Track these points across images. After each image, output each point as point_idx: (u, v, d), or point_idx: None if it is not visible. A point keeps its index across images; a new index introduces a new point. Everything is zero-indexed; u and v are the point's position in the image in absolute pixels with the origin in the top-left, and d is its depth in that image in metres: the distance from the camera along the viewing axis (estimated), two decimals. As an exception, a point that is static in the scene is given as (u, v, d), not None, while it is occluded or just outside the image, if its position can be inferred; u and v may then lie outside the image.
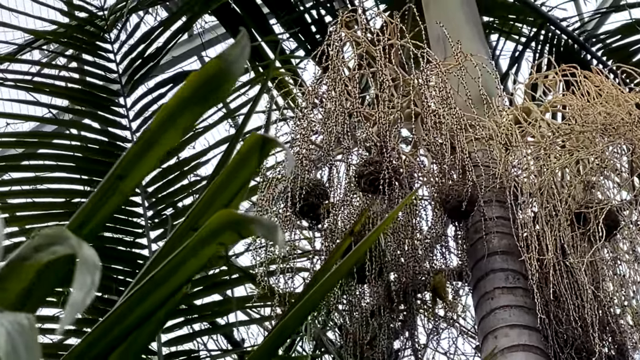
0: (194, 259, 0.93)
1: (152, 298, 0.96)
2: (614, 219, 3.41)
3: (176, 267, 0.94)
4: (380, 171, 3.49)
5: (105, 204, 0.92)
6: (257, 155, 0.90)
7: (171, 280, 0.95)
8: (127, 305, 0.95)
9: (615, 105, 3.60)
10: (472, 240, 3.65)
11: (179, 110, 0.88)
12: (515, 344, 3.31)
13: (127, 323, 0.96)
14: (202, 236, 0.91)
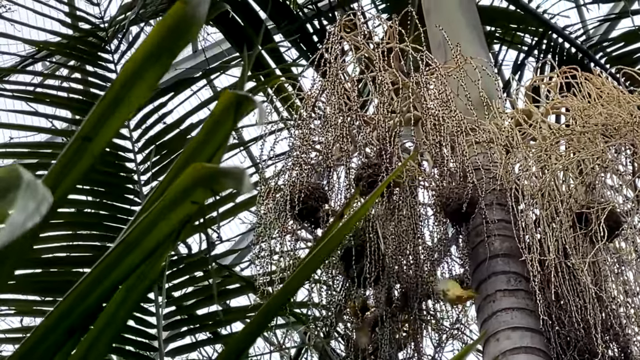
0: (166, 220, 0.91)
1: (126, 262, 0.94)
2: (616, 219, 3.38)
3: (148, 228, 0.92)
4: (379, 173, 3.48)
5: (74, 167, 0.90)
6: (233, 115, 0.88)
7: (144, 243, 0.93)
8: (99, 271, 0.93)
9: (616, 106, 3.58)
10: (474, 243, 3.63)
11: (144, 64, 0.85)
12: (518, 346, 3.28)
13: (100, 291, 0.94)
14: (174, 195, 0.88)
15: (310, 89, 3.92)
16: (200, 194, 0.89)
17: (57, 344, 0.99)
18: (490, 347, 3.35)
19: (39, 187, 0.69)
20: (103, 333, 1.09)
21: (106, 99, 0.86)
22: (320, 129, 3.81)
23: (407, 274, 3.72)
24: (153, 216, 0.91)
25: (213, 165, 0.84)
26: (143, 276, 1.06)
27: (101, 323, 1.08)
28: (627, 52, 6.18)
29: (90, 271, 0.94)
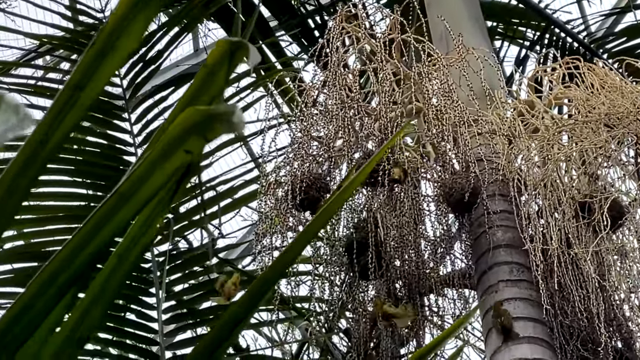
0: (160, 170, 0.89)
1: (119, 216, 0.92)
2: (619, 209, 3.36)
3: (142, 178, 0.89)
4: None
5: (64, 118, 0.87)
6: (227, 64, 0.85)
7: (138, 194, 0.91)
8: (92, 225, 0.91)
9: (619, 96, 3.55)
10: (476, 234, 3.61)
11: (133, 9, 0.83)
12: (521, 336, 3.25)
13: (93, 247, 0.92)
14: (167, 142, 0.86)
15: (312, 80, 3.90)
16: (194, 142, 0.86)
17: (49, 304, 0.97)
18: (493, 338, 3.32)
19: (20, 107, 0.67)
20: (96, 302, 1.07)
21: (96, 45, 0.84)
22: (322, 121, 3.79)
23: (410, 267, 3.70)
24: (146, 165, 0.89)
25: (206, 108, 0.82)
26: (135, 241, 1.04)
27: (94, 291, 1.06)
28: (629, 47, 6.16)
29: (82, 225, 0.91)
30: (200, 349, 1.33)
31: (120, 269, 1.05)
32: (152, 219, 1.02)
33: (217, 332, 1.32)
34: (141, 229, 1.02)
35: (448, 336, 1.45)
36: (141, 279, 4.63)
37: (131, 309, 4.58)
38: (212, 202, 4.89)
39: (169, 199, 1.00)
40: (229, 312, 1.32)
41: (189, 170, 0.99)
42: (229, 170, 4.96)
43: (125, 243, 1.03)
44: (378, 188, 3.54)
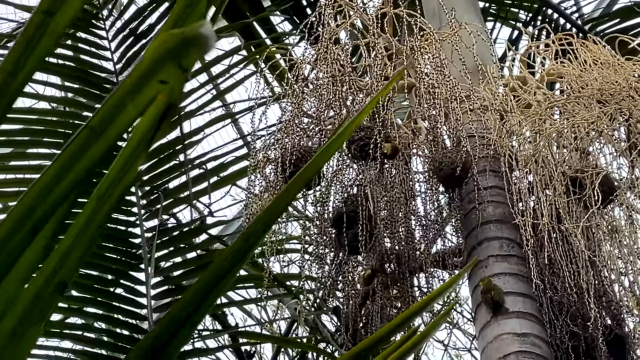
0: (134, 102, 0.86)
1: (92, 151, 0.89)
2: (610, 185, 3.34)
3: (114, 111, 0.87)
4: (371, 137, 3.43)
5: (34, 49, 0.84)
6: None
7: (111, 128, 0.88)
8: (63, 160, 0.88)
9: (612, 72, 3.53)
10: (466, 210, 3.59)
11: None
12: (510, 311, 3.24)
13: (66, 183, 0.89)
14: (139, 73, 0.83)
15: (302, 55, 3.87)
16: (168, 71, 0.83)
17: (22, 243, 0.94)
18: (482, 314, 3.31)
19: None
20: (76, 245, 1.04)
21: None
22: (313, 96, 3.76)
23: (399, 244, 3.68)
24: (118, 97, 0.86)
25: (179, 31, 0.79)
26: (116, 181, 1.01)
27: (73, 233, 1.03)
28: (622, 28, 6.13)
29: (53, 161, 0.89)
30: (182, 303, 1.30)
31: (101, 210, 1.02)
32: (133, 159, 0.99)
33: (201, 287, 1.30)
34: (122, 169, 1.00)
35: (436, 297, 1.43)
36: (130, 254, 4.61)
37: (120, 284, 4.56)
38: (201, 178, 4.87)
39: (150, 138, 0.98)
40: (213, 267, 1.30)
41: (169, 110, 0.96)
42: (219, 147, 4.93)
43: (106, 184, 1.00)
44: (369, 162, 3.52)
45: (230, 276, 1.38)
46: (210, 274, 1.35)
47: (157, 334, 1.28)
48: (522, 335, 3.18)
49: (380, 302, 3.80)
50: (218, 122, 4.96)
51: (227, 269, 1.32)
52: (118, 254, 4.59)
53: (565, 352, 3.21)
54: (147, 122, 0.95)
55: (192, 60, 0.82)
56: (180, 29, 0.81)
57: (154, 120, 0.96)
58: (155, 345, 1.29)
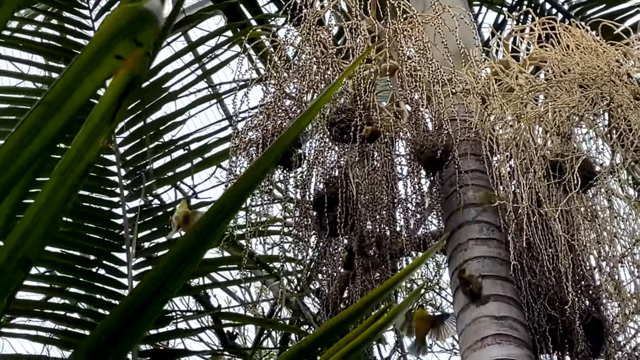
0: (90, 77, 0.86)
1: (49, 126, 0.89)
2: (590, 169, 3.35)
3: (70, 86, 0.86)
4: (352, 119, 3.43)
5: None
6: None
7: (68, 103, 0.88)
8: (19, 135, 0.88)
9: (594, 56, 3.54)
10: (447, 193, 3.60)
11: None
12: (488, 294, 3.25)
13: (23, 159, 0.89)
14: (94, 48, 0.83)
15: (285, 36, 3.87)
16: (124, 46, 0.83)
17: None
18: (460, 296, 3.32)
19: None
20: (38, 220, 1.04)
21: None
22: (295, 77, 3.75)
23: (380, 227, 3.69)
24: (73, 72, 0.85)
25: (132, 5, 0.79)
26: (78, 157, 1.01)
27: (36, 208, 1.03)
28: (608, 14, 6.12)
29: (7, 138, 0.88)
30: (155, 273, 1.30)
31: (64, 186, 1.02)
32: (96, 134, 0.99)
33: (175, 257, 1.30)
34: (84, 144, 1.00)
35: (404, 276, 1.44)
36: (112, 234, 4.60)
37: (102, 265, 4.55)
38: (185, 159, 4.86)
39: (112, 114, 0.97)
40: (186, 238, 1.30)
41: (131, 86, 0.96)
42: (203, 128, 4.93)
43: (68, 159, 1.00)
44: (350, 145, 3.52)
45: (203, 249, 1.38)
46: (181, 246, 1.35)
47: (124, 308, 1.28)
48: (500, 318, 3.20)
49: (361, 285, 3.81)
50: (202, 102, 4.95)
51: (200, 241, 1.32)
52: (100, 234, 4.58)
53: (543, 335, 3.23)
54: (109, 98, 0.95)
55: (148, 35, 0.82)
56: (132, 4, 0.81)
57: (115, 96, 0.96)
58: (122, 321, 1.29)
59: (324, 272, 3.97)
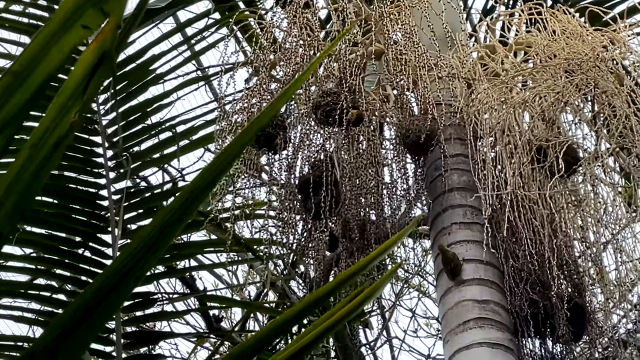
0: (57, 47, 0.85)
1: (15, 98, 0.88)
2: (574, 154, 3.36)
3: (36, 57, 0.86)
4: (337, 102, 3.43)
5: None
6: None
7: (34, 74, 0.88)
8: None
9: (579, 42, 3.54)
10: (432, 177, 3.60)
11: None
12: (471, 277, 3.26)
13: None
14: (60, 18, 0.83)
15: (272, 18, 3.86)
16: (91, 16, 0.83)
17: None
18: (443, 280, 3.33)
19: None
20: (9, 194, 1.04)
21: None
22: (281, 60, 3.75)
23: (365, 214, 3.69)
24: (40, 42, 0.85)
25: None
26: (49, 131, 1.01)
27: (6, 182, 1.03)
28: (597, 0, 6.12)
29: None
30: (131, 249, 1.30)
31: (34, 160, 1.02)
32: (67, 107, 0.99)
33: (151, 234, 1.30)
34: (55, 117, 0.99)
35: (378, 256, 1.44)
36: (97, 216, 4.60)
37: (87, 246, 4.55)
38: (172, 141, 4.85)
39: (84, 87, 0.97)
40: (160, 215, 1.30)
41: (103, 59, 0.96)
42: (191, 109, 4.92)
43: (39, 133, 1.00)
44: (335, 128, 3.52)
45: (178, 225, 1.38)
46: (157, 221, 1.35)
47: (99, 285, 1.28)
48: (482, 302, 3.21)
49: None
50: (190, 85, 4.94)
51: (175, 217, 1.32)
52: (85, 216, 4.58)
53: (525, 319, 3.24)
54: (79, 71, 0.95)
55: (116, 6, 0.82)
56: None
57: (86, 70, 0.96)
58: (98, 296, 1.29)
59: (310, 256, 3.98)
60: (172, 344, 6.54)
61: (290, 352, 1.42)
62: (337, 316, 1.45)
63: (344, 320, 1.46)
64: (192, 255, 4.97)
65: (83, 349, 1.39)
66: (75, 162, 4.63)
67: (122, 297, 1.36)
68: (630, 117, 3.37)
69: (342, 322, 1.46)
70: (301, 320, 1.42)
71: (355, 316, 1.47)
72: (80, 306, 1.23)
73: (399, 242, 2.70)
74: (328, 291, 1.48)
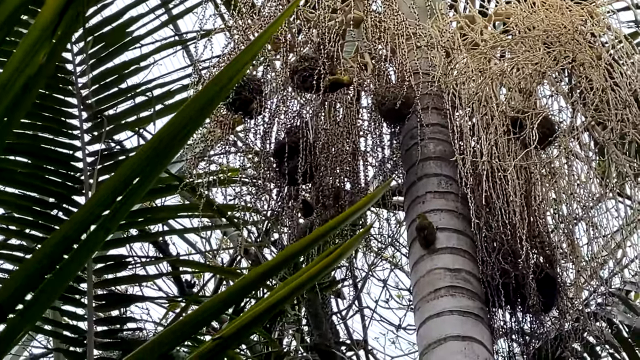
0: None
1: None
2: (550, 126, 3.36)
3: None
4: (315, 67, 3.41)
5: None
6: None
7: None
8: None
9: (559, 14, 3.54)
10: (408, 146, 3.60)
11: None
12: (444, 246, 3.27)
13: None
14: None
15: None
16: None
17: None
18: (416, 248, 3.33)
19: None
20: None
21: None
22: (259, 24, 3.72)
23: (339, 181, 3.68)
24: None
25: None
26: (19, 71, 1.00)
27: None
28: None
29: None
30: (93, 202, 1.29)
31: (3, 101, 1.01)
32: (36, 49, 0.98)
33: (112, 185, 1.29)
34: (23, 59, 0.98)
35: (356, 212, 1.44)
36: (72, 177, 4.57)
37: (61, 208, 4.52)
38: (147, 105, 4.82)
39: (52, 30, 0.96)
40: (124, 164, 1.29)
41: (71, 1, 0.95)
42: (167, 74, 4.89)
43: (7, 73, 0.99)
44: (312, 94, 3.50)
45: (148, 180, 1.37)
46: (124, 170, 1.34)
47: (61, 237, 1.27)
48: (454, 270, 3.22)
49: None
50: (167, 49, 4.91)
51: (138, 172, 1.31)
52: (59, 177, 4.54)
53: (496, 289, 3.26)
54: (47, 12, 0.93)
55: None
56: None
57: (54, 12, 0.94)
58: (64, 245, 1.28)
59: (283, 223, 3.97)
60: (144, 309, 6.53)
61: (262, 307, 1.41)
62: (307, 274, 1.45)
63: (314, 279, 1.45)
64: (165, 219, 4.96)
65: (49, 301, 1.38)
66: (50, 123, 4.59)
67: (90, 248, 1.35)
68: (607, 91, 3.38)
69: (312, 281, 1.45)
70: (268, 279, 1.41)
71: (325, 275, 1.47)
72: (47, 254, 1.21)
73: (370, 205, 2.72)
74: (295, 251, 1.47)
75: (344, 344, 6.09)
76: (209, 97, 1.21)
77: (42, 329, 4.67)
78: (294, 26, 3.73)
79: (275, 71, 3.59)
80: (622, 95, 3.38)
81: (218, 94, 1.25)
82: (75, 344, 4.63)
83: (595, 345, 4.16)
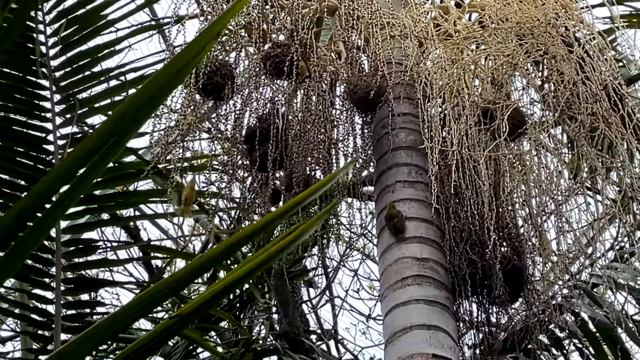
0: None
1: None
2: (520, 118, 3.38)
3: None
4: (287, 54, 3.41)
5: None
6: None
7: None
8: None
9: (532, 7, 3.55)
10: (379, 135, 3.60)
11: None
12: (412, 235, 3.28)
13: None
14: None
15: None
16: None
17: None
18: (385, 237, 3.34)
19: None
20: None
21: None
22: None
23: (309, 169, 3.68)
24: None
25: None
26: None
27: None
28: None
29: None
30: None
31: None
32: None
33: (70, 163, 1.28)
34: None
35: (315, 193, 1.44)
36: (42, 160, 4.54)
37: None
38: (121, 89, 4.79)
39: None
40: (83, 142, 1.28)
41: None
42: (141, 58, 4.87)
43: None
44: (284, 80, 3.50)
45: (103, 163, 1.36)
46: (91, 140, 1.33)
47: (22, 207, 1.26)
48: (422, 259, 3.23)
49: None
50: (141, 32, 4.88)
51: (97, 148, 1.30)
52: (30, 160, 4.51)
53: (463, 278, 3.27)
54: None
55: None
56: None
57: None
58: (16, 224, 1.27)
59: (253, 210, 3.97)
60: (114, 294, 6.51)
61: (219, 287, 1.42)
62: (266, 254, 1.45)
63: (273, 259, 1.46)
64: (136, 204, 4.94)
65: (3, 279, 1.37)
66: (21, 105, 4.55)
67: (61, 209, 1.34)
68: (578, 84, 3.40)
69: (271, 261, 1.46)
70: (228, 256, 1.41)
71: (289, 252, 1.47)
72: (5, 227, 1.21)
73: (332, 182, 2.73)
74: (256, 229, 1.48)
75: (314, 333, 6.10)
76: (179, 67, 1.21)
77: (10, 312, 4.65)
78: (268, 13, 3.72)
79: (248, 57, 3.58)
80: (593, 89, 3.40)
81: (189, 64, 1.25)
82: (43, 328, 4.61)
83: (563, 339, 4.18)
